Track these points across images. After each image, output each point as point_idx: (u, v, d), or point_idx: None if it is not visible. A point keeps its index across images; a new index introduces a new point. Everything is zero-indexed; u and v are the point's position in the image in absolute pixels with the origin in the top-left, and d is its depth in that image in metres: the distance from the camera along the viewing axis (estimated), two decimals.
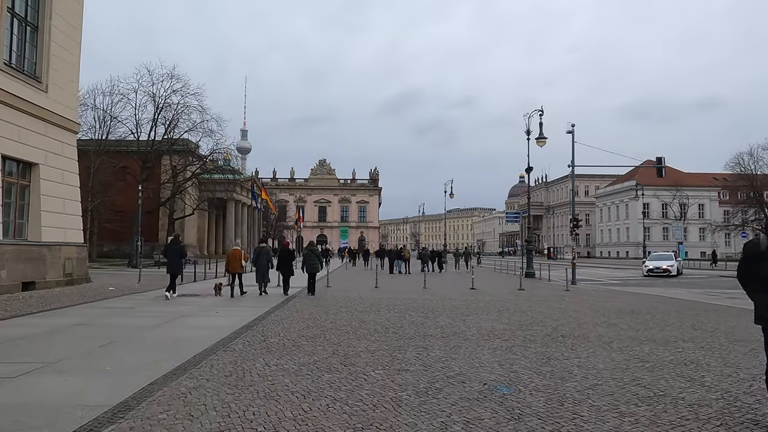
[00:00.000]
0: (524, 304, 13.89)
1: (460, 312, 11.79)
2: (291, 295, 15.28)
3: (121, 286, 17.49)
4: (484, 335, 8.58)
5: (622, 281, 26.40)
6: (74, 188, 18.32)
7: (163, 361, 6.24)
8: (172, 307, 12.07)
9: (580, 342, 8.07)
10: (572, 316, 11.23)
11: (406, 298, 14.90)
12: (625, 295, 17.50)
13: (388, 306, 12.80)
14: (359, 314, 11.14)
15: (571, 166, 23.81)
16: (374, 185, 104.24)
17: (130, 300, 13.55)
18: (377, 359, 6.61)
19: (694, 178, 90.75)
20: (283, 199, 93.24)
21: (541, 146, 27.87)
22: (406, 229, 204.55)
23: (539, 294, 17.23)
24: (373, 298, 14.97)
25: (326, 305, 12.83)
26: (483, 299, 15.00)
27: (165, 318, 10.11)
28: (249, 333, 8.50)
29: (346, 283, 21.47)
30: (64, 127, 17.92)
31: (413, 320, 10.29)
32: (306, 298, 14.50)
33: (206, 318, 10.43)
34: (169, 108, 39.67)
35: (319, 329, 8.99)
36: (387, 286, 19.82)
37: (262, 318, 10.30)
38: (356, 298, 14.98)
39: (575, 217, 23.83)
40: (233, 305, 12.81)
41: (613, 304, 13.96)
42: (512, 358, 6.82)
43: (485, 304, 13.52)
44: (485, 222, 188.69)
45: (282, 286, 15.67)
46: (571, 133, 23.57)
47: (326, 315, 10.93)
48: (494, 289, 18.99)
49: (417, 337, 8.35)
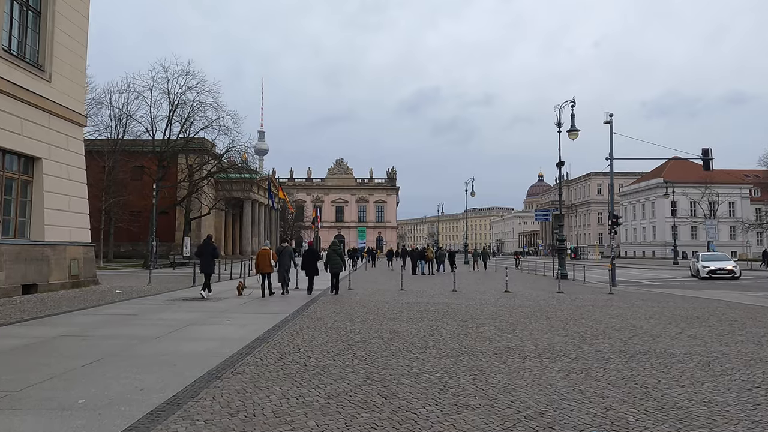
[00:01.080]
0: (572, 310, 12.33)
1: (503, 320, 10.30)
2: (312, 298, 13.96)
3: (130, 289, 16.36)
4: (545, 352, 7.10)
5: (663, 282, 24.56)
6: (81, 185, 17.24)
7: (153, 390, 4.91)
8: (179, 313, 10.80)
9: (669, 362, 6.54)
10: (636, 326, 9.67)
11: (437, 303, 13.45)
12: (678, 299, 15.79)
13: (420, 312, 11.37)
14: (389, 323, 9.73)
15: (609, 159, 22.11)
16: (392, 184, 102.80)
17: (137, 305, 12.34)
18: (425, 388, 5.18)
19: (724, 174, 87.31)
20: (300, 199, 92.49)
21: (573, 139, 26.19)
22: (423, 229, 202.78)
23: (583, 298, 15.62)
24: (402, 302, 13.54)
25: (351, 311, 11.45)
26: (523, 304, 13.48)
27: (169, 327, 8.82)
28: (263, 348, 7.14)
29: (369, 284, 20.08)
30: (70, 120, 16.84)
31: (454, 330, 8.84)
32: (328, 303, 13.15)
33: (215, 327, 9.11)
34: (184, 105, 38.76)
35: (346, 343, 7.60)
36: (413, 288, 18.39)
37: (278, 327, 8.95)
38: (382, 302, 13.58)
39: (614, 214, 22.10)
40: (247, 311, 11.50)
41: (673, 310, 12.33)
42: (596, 386, 5.34)
43: (528, 311, 12.00)
44: (504, 221, 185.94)
45: (307, 286, 15.73)
46: (609, 123, 21.87)
47: (352, 324, 9.54)
48: (530, 292, 17.43)
49: (465, 353, 6.90)
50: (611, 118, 21.84)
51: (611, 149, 22.07)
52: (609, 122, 21.84)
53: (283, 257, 15.32)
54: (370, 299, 14.26)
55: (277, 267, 15.21)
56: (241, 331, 8.57)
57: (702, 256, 27.85)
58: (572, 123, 25.97)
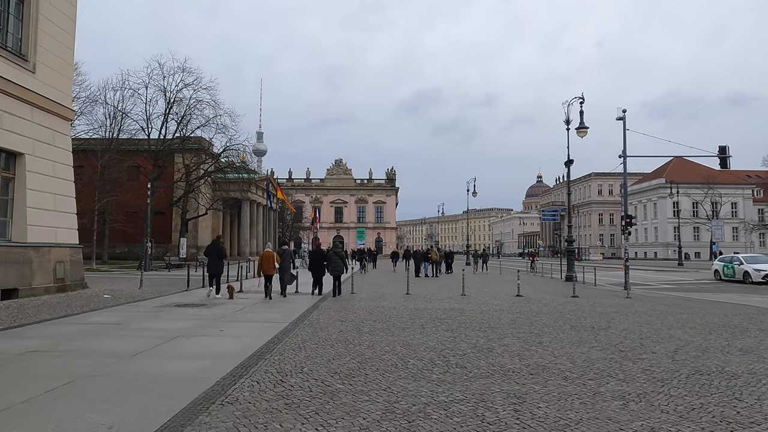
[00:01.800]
0: (595, 317, 11.38)
1: (526, 330, 9.34)
2: (314, 304, 12.99)
3: (120, 293, 15.36)
4: (585, 371, 6.14)
5: (677, 285, 23.64)
6: (68, 182, 16.23)
7: (122, 430, 3.94)
8: (168, 322, 9.82)
9: (734, 384, 5.59)
10: (674, 336, 8.72)
11: (448, 308, 12.49)
12: (702, 303, 14.85)
13: (432, 320, 10.41)
14: (401, 333, 8.76)
15: (622, 157, 21.17)
16: (391, 185, 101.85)
17: (123, 312, 11.35)
18: (458, 424, 4.22)
19: (726, 175, 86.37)
20: (299, 200, 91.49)
21: (582, 137, 25.33)
22: (422, 230, 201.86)
23: (601, 303, 14.67)
24: (410, 308, 12.58)
25: (356, 319, 10.48)
26: (540, 310, 12.52)
27: (155, 339, 7.84)
28: (260, 366, 6.18)
29: (373, 288, 19.11)
30: (56, 113, 15.86)
31: (475, 343, 7.88)
32: (331, 309, 12.18)
33: (207, 340, 8.13)
34: (180, 103, 37.84)
35: (355, 360, 6.64)
36: (419, 291, 17.44)
37: (278, 339, 7.98)
38: (389, 308, 12.62)
39: (627, 214, 21.16)
40: (244, 319, 10.53)
41: (705, 317, 11.38)
42: (666, 421, 4.38)
43: (549, 318, 11.05)
44: (504, 222, 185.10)
45: (314, 286, 15.68)
46: (622, 119, 20.94)
47: (359, 335, 8.57)
48: (543, 296, 16.48)
49: (495, 374, 5.95)
50: (624, 115, 20.93)
51: (624, 146, 21.17)
52: (622, 118, 20.92)
53: (283, 259, 15.18)
54: (375, 305, 13.29)
55: (278, 269, 14.95)
56: (235, 344, 7.60)
57: (746, 258, 25.21)
58: (581, 120, 25.07)
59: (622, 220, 20.88)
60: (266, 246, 16.68)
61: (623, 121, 20.94)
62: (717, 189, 76.38)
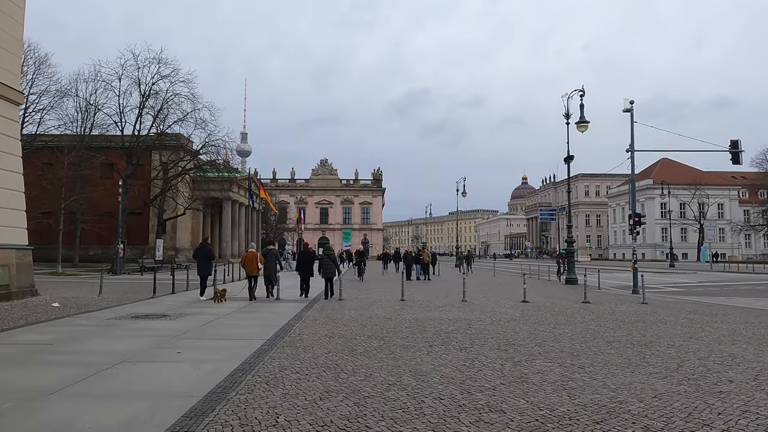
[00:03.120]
0: (623, 328, 9.81)
1: (554, 347, 7.70)
2: (297, 314, 11.23)
3: (74, 301, 13.42)
4: (668, 417, 4.50)
5: (685, 288, 22.33)
6: (14, 174, 14.23)
7: None
8: (116, 340, 7.99)
9: None
10: (736, 355, 7.16)
11: (452, 319, 10.82)
12: (726, 309, 13.39)
13: (438, 335, 8.72)
14: (405, 355, 7.06)
15: (630, 151, 19.73)
16: (378, 185, 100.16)
17: (66, 326, 9.47)
18: None
19: (712, 176, 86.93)
20: (283, 201, 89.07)
21: (582, 131, 23.92)
22: (408, 231, 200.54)
23: (620, 310, 13.13)
24: (409, 318, 10.88)
25: (348, 334, 8.75)
26: (557, 319, 10.92)
27: (87, 368, 6.03)
28: (219, 414, 4.42)
29: (362, 293, 17.37)
30: (2, 96, 13.89)
31: (501, 369, 6.21)
32: (317, 321, 10.42)
33: (156, 367, 6.32)
34: (156, 96, 35.69)
35: (350, 399, 4.92)
36: (414, 297, 15.74)
37: (249, 366, 6.22)
38: (384, 318, 10.91)
39: (636, 212, 19.74)
40: (211, 336, 8.73)
41: (750, 329, 9.89)
42: None
43: (571, 330, 9.44)
44: (489, 224, 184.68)
45: (301, 288, 15.19)
46: (629, 111, 19.53)
47: (353, 357, 6.85)
48: (551, 302, 14.92)
49: (548, 422, 4.27)
50: (632, 106, 19.52)
51: (632, 140, 19.74)
52: (629, 110, 19.51)
53: (268, 260, 14.87)
54: (368, 314, 11.57)
55: (263, 270, 14.71)
56: (191, 375, 5.81)
57: None
58: (581, 114, 23.69)
59: (630, 219, 19.46)
60: (249, 246, 16.31)
61: (631, 113, 19.54)
62: (704, 190, 76.27)
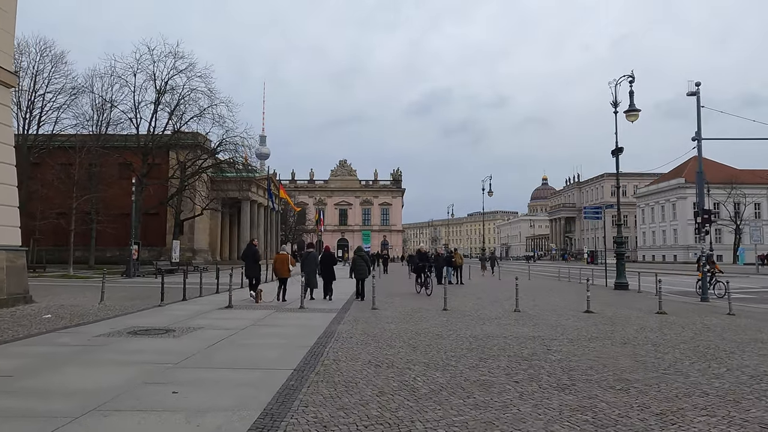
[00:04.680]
0: (747, 351, 7.71)
1: (683, 384, 5.68)
2: (328, 329, 9.33)
3: (70, 311, 11.74)
4: None
5: (753, 294, 19.96)
6: (5, 166, 12.63)
7: None
8: (99, 368, 6.19)
9: None
10: None
11: (518, 336, 8.82)
12: None
13: (515, 361, 6.75)
14: (490, 399, 5.11)
15: (697, 140, 17.47)
16: (397, 186, 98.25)
17: (44, 345, 7.72)
18: None
19: (748, 174, 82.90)
20: (302, 202, 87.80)
21: (632, 121, 21.81)
22: (426, 232, 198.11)
23: (710, 324, 10.95)
24: (464, 335, 8.91)
25: (398, 360, 6.83)
26: (644, 338, 8.85)
27: (32, 425, 4.20)
28: None
29: (397, 301, 15.43)
30: None
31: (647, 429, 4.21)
32: (354, 339, 8.53)
33: (138, 421, 4.46)
34: (172, 92, 34.29)
35: None
36: (457, 306, 13.76)
37: (273, 417, 4.32)
38: (434, 334, 8.96)
39: (705, 207, 17.51)
40: (221, 361, 6.88)
41: None
42: None
43: (683, 355, 7.39)
44: (510, 225, 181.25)
45: (324, 291, 15.00)
46: (695, 94, 17.27)
47: (418, 402, 4.92)
48: (619, 312, 12.79)
49: None
50: (698, 89, 17.27)
51: (698, 126, 17.50)
52: (695, 93, 17.27)
53: (308, 263, 14.97)
54: (412, 329, 9.63)
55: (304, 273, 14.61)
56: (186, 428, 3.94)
57: None
58: (631, 102, 21.49)
59: (697, 216, 17.23)
60: (281, 249, 16.42)
61: (697, 97, 17.29)
62: (740, 189, 72.74)
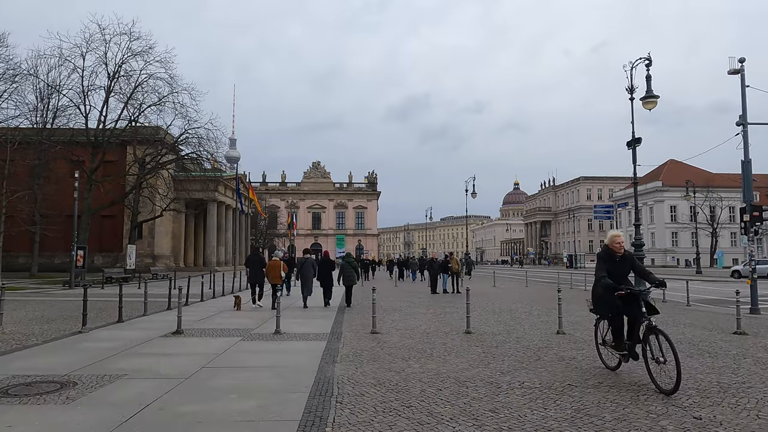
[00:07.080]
0: None
1: None
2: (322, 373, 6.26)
3: None
4: None
5: None
6: None
7: None
8: None
9: None
10: None
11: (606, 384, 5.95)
12: None
13: None
14: None
15: (742, 125, 15.09)
16: (372, 189, 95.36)
17: None
18: None
19: (723, 178, 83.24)
20: (273, 205, 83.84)
21: (649, 109, 19.53)
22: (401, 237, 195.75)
23: None
24: (533, 385, 5.99)
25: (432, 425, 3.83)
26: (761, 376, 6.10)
27: None
28: None
29: (399, 319, 12.37)
30: None
31: None
32: (370, 398, 5.49)
33: None
34: (128, 79, 30.60)
35: None
36: (480, 327, 10.83)
37: None
38: (480, 380, 6.02)
39: (751, 203, 15.14)
40: None
41: None
42: None
43: None
44: (484, 229, 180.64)
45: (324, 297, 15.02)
46: (739, 72, 14.91)
47: None
48: (685, 332, 10.10)
49: None
50: (742, 66, 14.91)
51: (744, 109, 15.12)
52: (739, 71, 14.90)
53: (305, 269, 14.99)
54: (442, 372, 6.63)
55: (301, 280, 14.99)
56: None
57: None
58: (648, 87, 19.12)
59: (744, 214, 14.81)
60: (275, 255, 16.25)
61: (741, 75, 14.92)
62: (717, 192, 72.74)
